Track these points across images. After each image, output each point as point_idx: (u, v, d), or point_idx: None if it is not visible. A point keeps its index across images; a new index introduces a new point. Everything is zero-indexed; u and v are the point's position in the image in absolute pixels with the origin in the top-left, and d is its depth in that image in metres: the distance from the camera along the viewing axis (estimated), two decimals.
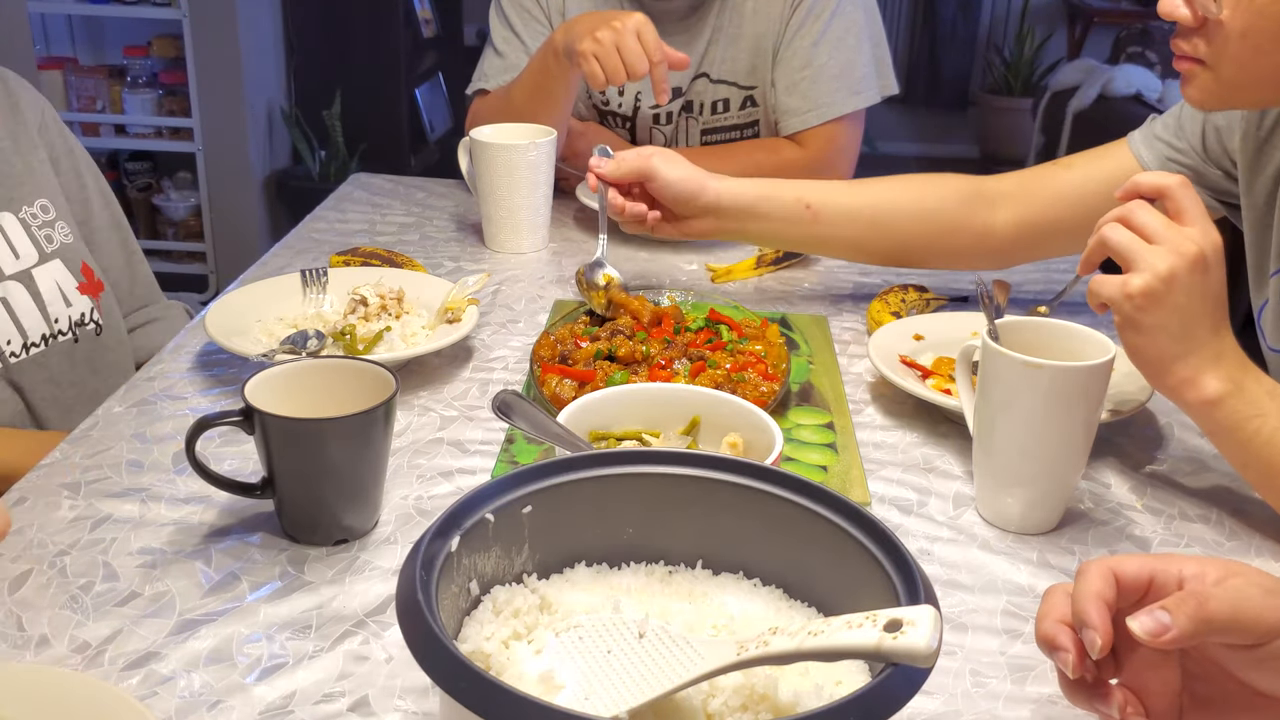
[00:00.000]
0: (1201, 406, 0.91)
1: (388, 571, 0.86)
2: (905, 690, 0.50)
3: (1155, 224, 0.89)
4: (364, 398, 0.87)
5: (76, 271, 1.28)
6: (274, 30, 3.86)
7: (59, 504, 0.93)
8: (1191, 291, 0.88)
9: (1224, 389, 0.90)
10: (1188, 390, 0.91)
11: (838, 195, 1.30)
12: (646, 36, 1.41)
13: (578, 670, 0.58)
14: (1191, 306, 0.88)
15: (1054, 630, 0.62)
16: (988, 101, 5.40)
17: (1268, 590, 0.60)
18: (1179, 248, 0.88)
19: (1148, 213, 0.90)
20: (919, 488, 1.00)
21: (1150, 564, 0.62)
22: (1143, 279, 0.88)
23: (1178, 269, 0.87)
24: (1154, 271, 0.87)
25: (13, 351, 1.20)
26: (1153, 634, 0.58)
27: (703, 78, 1.73)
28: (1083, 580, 0.62)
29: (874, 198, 1.31)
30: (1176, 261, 0.87)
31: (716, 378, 1.07)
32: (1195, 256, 0.87)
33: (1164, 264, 0.87)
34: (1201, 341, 0.89)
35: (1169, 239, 0.88)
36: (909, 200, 1.31)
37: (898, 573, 0.59)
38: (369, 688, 0.74)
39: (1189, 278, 0.87)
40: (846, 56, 1.69)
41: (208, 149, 3.67)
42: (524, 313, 1.34)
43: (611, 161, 1.26)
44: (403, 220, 1.64)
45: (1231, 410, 0.90)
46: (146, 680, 0.74)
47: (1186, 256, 0.87)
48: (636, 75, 1.41)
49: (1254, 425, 0.89)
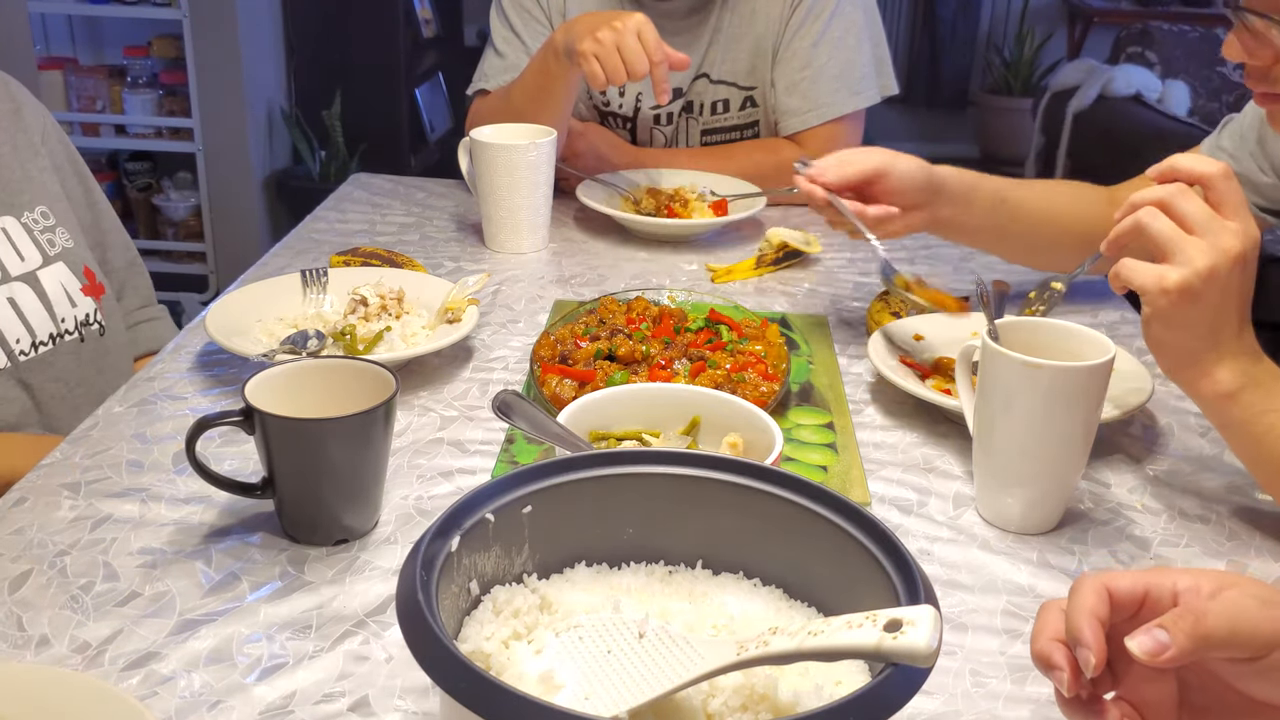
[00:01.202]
0: (1216, 400, 0.90)
1: (388, 571, 0.86)
2: (905, 690, 0.50)
3: (1199, 214, 0.85)
4: (364, 398, 0.87)
5: (79, 274, 1.29)
6: (274, 30, 3.86)
7: (59, 504, 0.93)
8: (1228, 290, 0.85)
9: (1239, 383, 0.88)
10: (1203, 383, 0.89)
11: (1021, 193, 1.28)
12: (647, 36, 1.41)
13: (578, 670, 0.58)
14: (1224, 305, 0.86)
15: (1049, 649, 0.61)
16: (988, 101, 5.39)
17: (1264, 601, 0.59)
18: (1221, 243, 0.84)
19: (1191, 201, 0.86)
20: (919, 488, 1.00)
21: (1144, 579, 0.61)
22: (1181, 275, 0.85)
23: (1219, 267, 0.84)
24: (1193, 268, 0.84)
25: (22, 350, 1.21)
26: (1151, 654, 0.58)
27: (703, 78, 1.73)
28: (1076, 597, 0.61)
29: (1045, 201, 1.29)
30: (1218, 259, 0.84)
31: (716, 378, 1.07)
32: (1237, 255, 0.84)
33: (1204, 261, 0.84)
34: (1225, 338, 0.88)
35: (1211, 233, 0.85)
36: (1068, 205, 1.30)
37: (898, 573, 0.59)
38: (369, 688, 0.74)
39: (1227, 277, 0.85)
40: (846, 56, 1.69)
41: (208, 149, 3.67)
42: (524, 313, 1.34)
43: (832, 167, 1.19)
44: (403, 220, 1.64)
45: (1246, 405, 0.89)
46: (146, 680, 0.74)
47: (1229, 254, 0.84)
48: (637, 75, 1.41)
49: (1268, 420, 0.88)
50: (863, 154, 1.20)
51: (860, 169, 1.18)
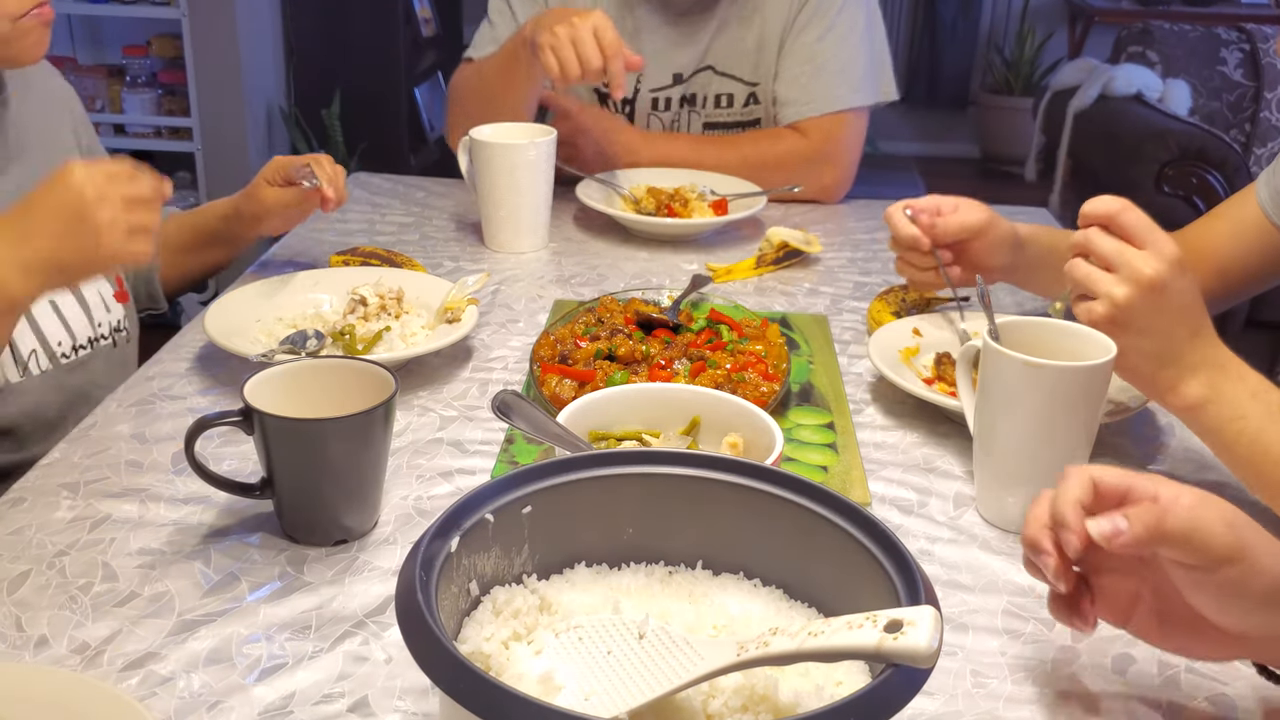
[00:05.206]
0: (1185, 411, 0.94)
1: (387, 572, 0.86)
2: (905, 691, 0.50)
3: (1109, 249, 0.91)
4: (364, 398, 0.87)
5: (111, 280, 1.29)
6: (273, 30, 3.86)
7: (58, 504, 0.93)
8: (1155, 313, 0.90)
9: (1203, 394, 0.91)
10: (1169, 397, 0.93)
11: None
12: (603, 34, 1.44)
13: (578, 671, 0.58)
14: (1159, 326, 0.91)
15: (1039, 535, 0.67)
16: (988, 101, 5.39)
17: (1229, 523, 0.64)
18: (1133, 274, 0.90)
19: (1102, 239, 0.92)
20: (919, 488, 1.00)
21: (1131, 479, 0.67)
22: (1103, 308, 0.91)
23: (1133, 296, 0.90)
24: (1111, 300, 0.91)
25: (63, 353, 1.21)
26: (1106, 537, 0.64)
27: (707, 70, 1.74)
28: (1063, 486, 0.67)
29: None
30: (1131, 289, 0.90)
31: (716, 378, 1.07)
32: (1149, 281, 0.90)
33: (1120, 292, 0.90)
34: (1179, 351, 0.92)
35: (1123, 264, 0.90)
36: None
37: (898, 573, 0.59)
38: (369, 688, 0.74)
39: (1147, 302, 0.90)
40: (849, 54, 1.71)
41: (207, 149, 3.67)
42: (524, 313, 1.34)
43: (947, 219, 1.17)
44: (402, 220, 1.64)
45: (1213, 414, 0.91)
46: (146, 681, 0.74)
47: (1140, 282, 0.90)
48: (590, 71, 1.43)
49: (1236, 428, 0.90)
50: (964, 209, 1.19)
51: (963, 224, 1.17)
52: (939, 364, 1.15)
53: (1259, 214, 1.17)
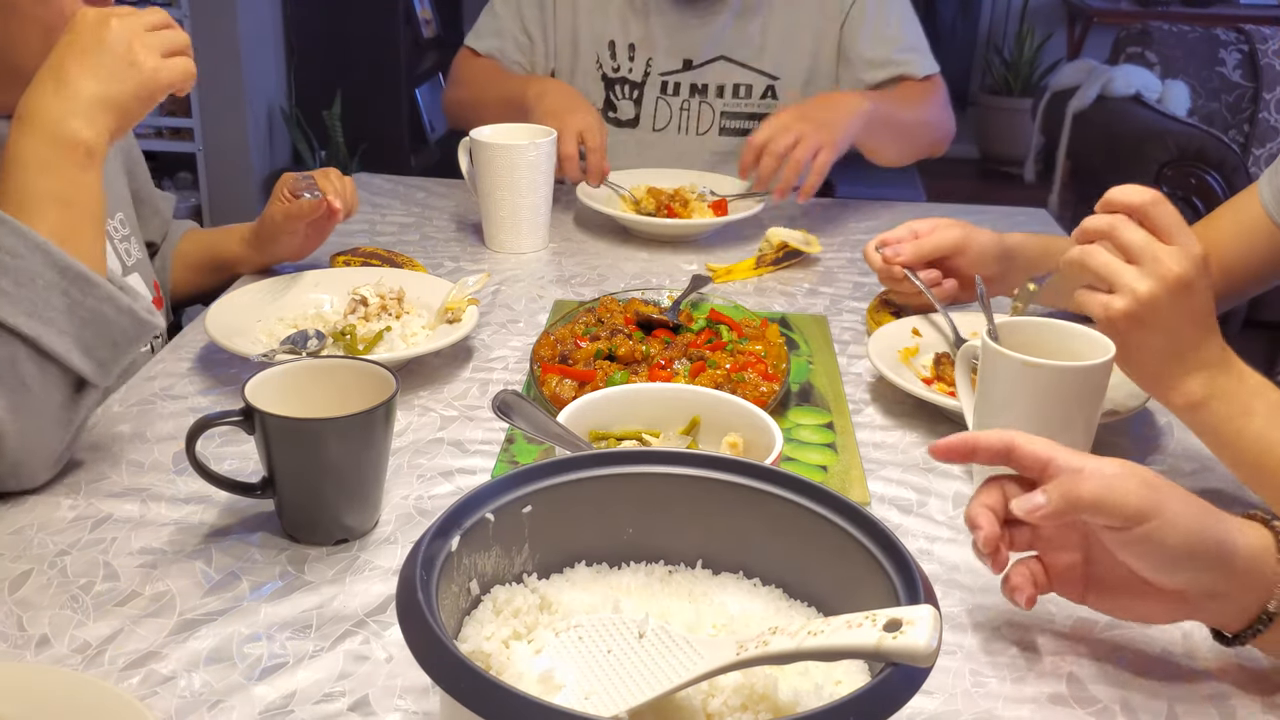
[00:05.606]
0: (1185, 409, 0.92)
1: (388, 571, 0.86)
2: (905, 690, 0.51)
3: (1137, 241, 0.88)
4: (364, 398, 0.87)
5: (150, 286, 1.28)
6: (274, 30, 3.86)
7: (59, 504, 0.93)
8: (1175, 312, 0.88)
9: (1206, 393, 0.90)
10: (1172, 395, 0.92)
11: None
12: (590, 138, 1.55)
13: (578, 670, 0.58)
14: (1175, 326, 0.89)
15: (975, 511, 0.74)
16: (987, 101, 5.39)
17: (1146, 483, 0.70)
18: (1159, 270, 0.87)
19: (1130, 229, 0.89)
20: (919, 487, 1.00)
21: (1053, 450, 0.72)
22: (1124, 302, 0.88)
23: (1158, 293, 0.87)
24: (1134, 295, 0.87)
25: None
26: (1027, 511, 0.71)
27: (721, 60, 1.76)
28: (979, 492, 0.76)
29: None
30: (1156, 285, 0.87)
31: (716, 378, 1.07)
32: (1176, 279, 0.87)
33: (1145, 287, 0.87)
34: (1186, 353, 0.90)
35: (1150, 259, 0.88)
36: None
37: (897, 572, 0.59)
38: (369, 688, 0.74)
39: (1170, 300, 0.87)
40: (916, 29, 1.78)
41: (208, 149, 3.67)
42: (524, 313, 1.34)
43: (908, 246, 1.22)
44: (403, 220, 1.64)
45: (1214, 412, 0.91)
46: (146, 680, 0.74)
47: (1167, 280, 0.87)
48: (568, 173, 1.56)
49: (1237, 425, 0.90)
50: (939, 230, 1.23)
51: (936, 246, 1.23)
52: (938, 364, 1.16)
53: (1262, 214, 1.17)
